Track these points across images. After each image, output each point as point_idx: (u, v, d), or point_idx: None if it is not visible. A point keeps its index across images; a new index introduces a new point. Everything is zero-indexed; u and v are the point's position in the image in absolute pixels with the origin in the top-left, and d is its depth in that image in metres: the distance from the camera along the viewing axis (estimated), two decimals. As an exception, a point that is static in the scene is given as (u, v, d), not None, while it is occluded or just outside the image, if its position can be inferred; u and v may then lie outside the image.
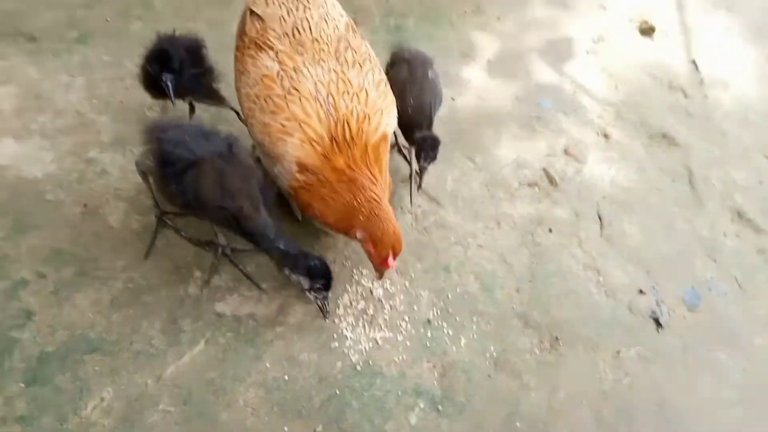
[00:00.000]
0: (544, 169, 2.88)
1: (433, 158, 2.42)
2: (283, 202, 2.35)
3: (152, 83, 2.37)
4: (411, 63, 2.51)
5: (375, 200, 1.97)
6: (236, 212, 1.90)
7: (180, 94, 2.36)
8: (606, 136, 3.17)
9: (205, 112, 2.67)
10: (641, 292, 2.43)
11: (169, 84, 2.29)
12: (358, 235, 2.02)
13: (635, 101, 3.43)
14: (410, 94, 2.42)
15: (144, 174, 2.20)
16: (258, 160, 2.19)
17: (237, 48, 2.18)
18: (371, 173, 2.00)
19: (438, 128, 2.86)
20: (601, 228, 2.67)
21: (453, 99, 3.16)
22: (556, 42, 3.78)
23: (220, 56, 2.47)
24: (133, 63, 2.89)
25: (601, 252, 2.56)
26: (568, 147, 3.04)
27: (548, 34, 3.84)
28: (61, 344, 1.92)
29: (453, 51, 3.51)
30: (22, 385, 1.81)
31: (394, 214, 2.05)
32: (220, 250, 2.21)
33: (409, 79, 2.46)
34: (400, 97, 2.35)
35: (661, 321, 2.32)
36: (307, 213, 2.19)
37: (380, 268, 2.04)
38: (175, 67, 2.30)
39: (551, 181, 2.84)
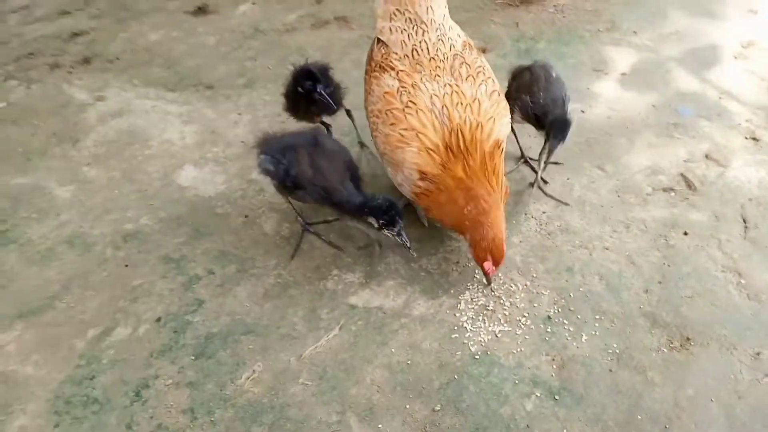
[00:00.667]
0: (682, 174, 2.80)
1: (562, 139, 2.46)
2: (409, 209, 2.57)
3: (296, 105, 2.72)
4: (531, 68, 2.65)
5: (484, 209, 2.13)
6: (325, 188, 2.20)
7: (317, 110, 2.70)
8: (756, 139, 2.99)
9: (347, 136, 2.99)
10: (790, 294, 2.26)
11: (324, 93, 2.61)
12: (466, 239, 2.20)
13: (792, 103, 3.20)
14: (539, 90, 2.53)
15: (284, 194, 2.54)
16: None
17: (366, 72, 2.48)
18: (489, 184, 2.16)
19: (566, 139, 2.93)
20: (745, 230, 2.52)
21: (583, 111, 3.20)
22: (699, 50, 3.66)
23: (360, 88, 2.78)
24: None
25: (744, 254, 2.42)
26: (710, 152, 2.93)
27: (691, 43, 3.74)
28: (223, 326, 2.27)
29: (584, 66, 3.55)
30: (192, 358, 2.18)
31: (503, 225, 2.18)
32: (377, 246, 2.47)
33: (534, 79, 2.59)
34: (530, 93, 2.52)
35: (813, 323, 2.14)
36: (428, 215, 2.39)
37: (484, 273, 2.19)
38: (322, 81, 2.63)
39: (690, 185, 2.75)
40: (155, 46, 4.05)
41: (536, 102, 2.51)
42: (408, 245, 2.22)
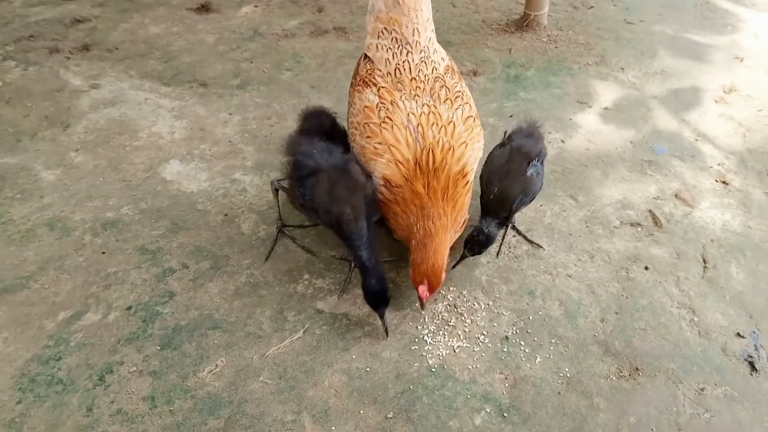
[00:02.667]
0: (650, 211, 2.90)
1: (477, 253, 2.41)
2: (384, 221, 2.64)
3: None
4: (513, 153, 2.45)
5: (431, 232, 2.19)
6: (338, 216, 2.23)
7: None
8: (725, 182, 3.09)
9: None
10: (739, 335, 2.35)
11: None
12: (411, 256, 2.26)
13: (764, 151, 3.31)
14: (498, 183, 2.38)
15: (276, 191, 2.62)
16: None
17: (351, 85, 2.57)
18: (443, 207, 2.23)
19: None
20: (704, 270, 2.62)
21: (563, 141, 3.30)
22: (682, 91, 3.78)
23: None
24: (279, 105, 3.45)
25: (699, 292, 2.51)
26: (679, 191, 3.02)
27: (674, 84, 3.85)
28: (191, 320, 2.33)
29: (569, 97, 3.65)
30: (158, 348, 2.24)
31: (446, 253, 2.22)
32: (352, 264, 2.51)
33: (504, 169, 2.41)
34: (489, 181, 2.41)
35: (757, 365, 2.23)
36: (388, 224, 2.44)
37: (418, 296, 2.23)
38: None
39: (656, 222, 2.84)
40: (155, 39, 4.13)
41: (488, 191, 2.40)
42: (385, 327, 2.28)
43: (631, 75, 3.92)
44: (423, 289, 2.20)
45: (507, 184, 2.38)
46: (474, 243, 2.37)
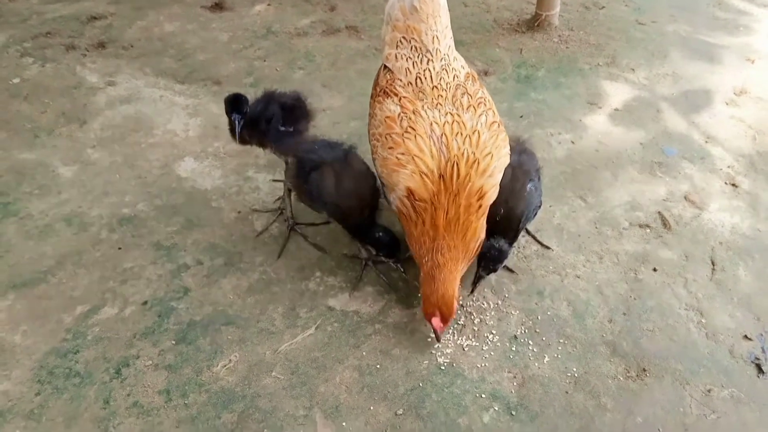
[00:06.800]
0: (659, 213, 2.92)
1: (493, 270, 2.37)
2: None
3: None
4: (514, 170, 2.38)
5: (438, 265, 2.15)
6: (347, 210, 2.28)
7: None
8: (734, 185, 3.10)
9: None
10: (747, 337, 2.37)
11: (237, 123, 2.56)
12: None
13: (775, 153, 3.32)
14: (503, 203, 2.32)
15: (289, 190, 2.66)
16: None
17: (371, 96, 2.53)
18: (453, 240, 2.17)
19: (553, 167, 3.08)
20: (712, 272, 2.63)
21: (573, 142, 3.32)
22: (692, 93, 3.79)
23: (363, 98, 2.88)
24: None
25: (707, 294, 2.53)
26: (688, 193, 3.04)
27: (685, 85, 3.86)
28: (205, 315, 2.38)
29: (579, 98, 3.67)
30: (173, 342, 2.28)
31: (456, 283, 2.19)
32: (363, 262, 2.56)
33: (507, 188, 2.33)
34: (493, 203, 2.30)
35: (764, 368, 2.25)
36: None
37: (433, 329, 2.22)
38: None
39: (665, 224, 2.86)
40: (169, 37, 4.18)
41: (494, 213, 2.31)
42: (402, 270, 2.47)
43: (641, 76, 3.93)
44: (436, 321, 2.17)
45: (514, 203, 2.35)
46: (488, 260, 2.33)
